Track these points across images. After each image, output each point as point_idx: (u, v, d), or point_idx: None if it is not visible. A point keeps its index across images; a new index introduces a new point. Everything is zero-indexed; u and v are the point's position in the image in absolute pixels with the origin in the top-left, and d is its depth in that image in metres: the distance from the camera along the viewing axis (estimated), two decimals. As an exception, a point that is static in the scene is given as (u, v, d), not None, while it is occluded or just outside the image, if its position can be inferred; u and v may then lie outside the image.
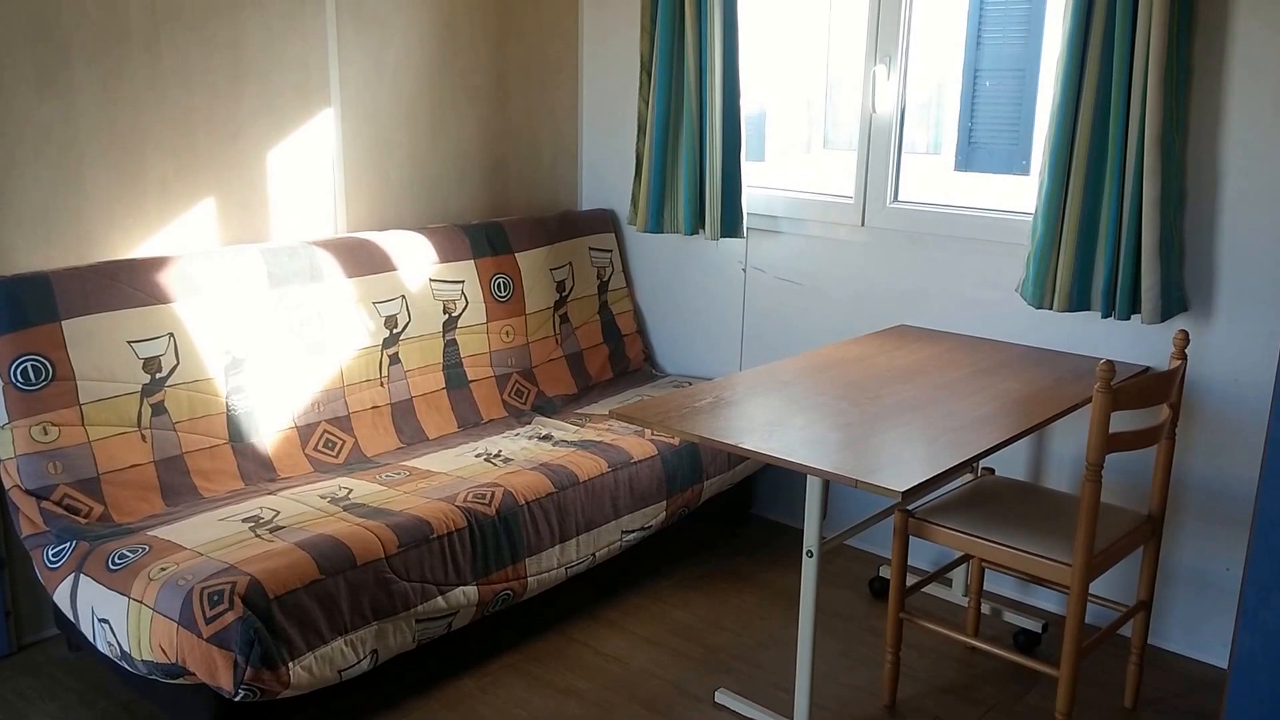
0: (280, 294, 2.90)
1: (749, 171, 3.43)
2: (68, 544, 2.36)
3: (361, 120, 3.24)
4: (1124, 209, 2.61)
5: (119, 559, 2.27)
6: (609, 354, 3.74)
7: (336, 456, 2.93)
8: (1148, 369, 2.75)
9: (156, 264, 2.70)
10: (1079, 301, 2.72)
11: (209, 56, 2.85)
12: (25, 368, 2.44)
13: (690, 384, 3.61)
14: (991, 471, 2.85)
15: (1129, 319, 2.68)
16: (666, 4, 3.35)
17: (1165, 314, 2.63)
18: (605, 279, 3.80)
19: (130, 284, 2.63)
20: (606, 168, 3.90)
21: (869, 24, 3.17)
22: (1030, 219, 2.87)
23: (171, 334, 2.67)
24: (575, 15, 3.84)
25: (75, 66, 2.61)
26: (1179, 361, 2.40)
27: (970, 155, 5.80)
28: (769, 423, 2.28)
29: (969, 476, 2.86)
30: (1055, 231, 2.72)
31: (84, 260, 2.69)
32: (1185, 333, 2.42)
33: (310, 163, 3.14)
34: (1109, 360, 2.13)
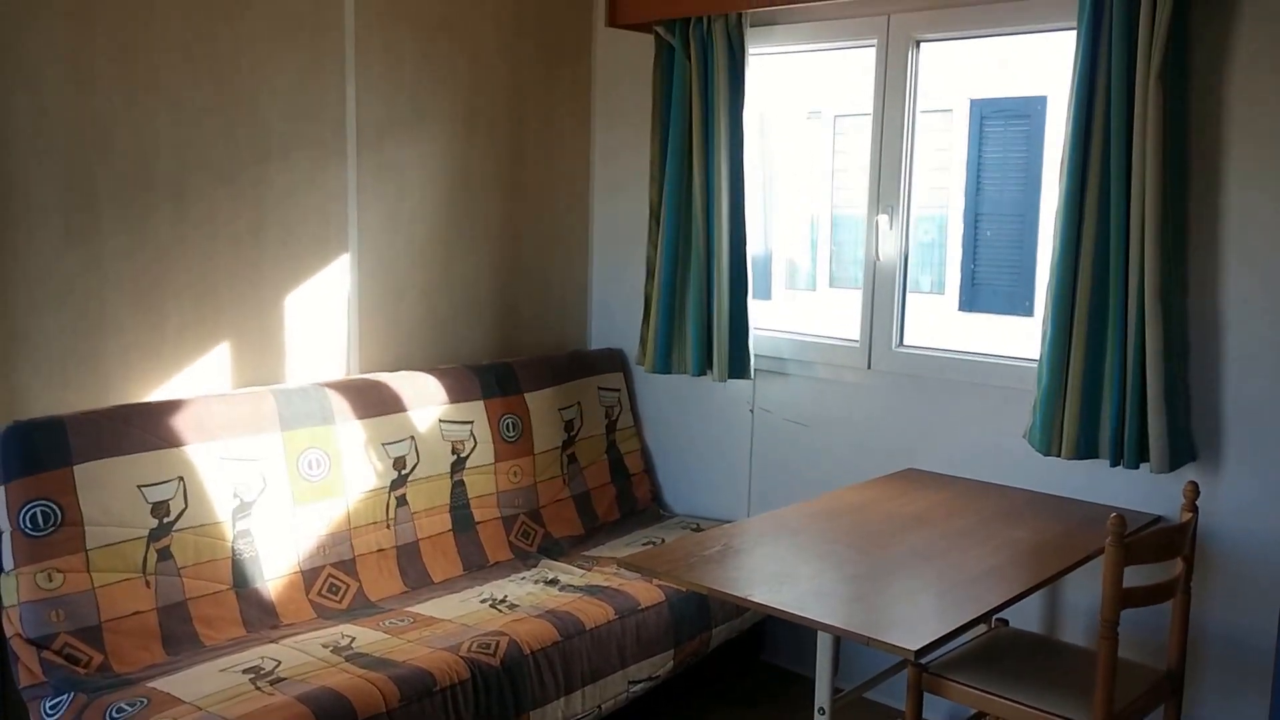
0: (291, 436, 2.92)
1: (756, 312, 3.49)
2: (65, 696, 2.32)
3: (377, 264, 3.32)
4: (1128, 358, 2.64)
5: (117, 713, 2.23)
6: (616, 494, 3.73)
7: (340, 602, 2.90)
8: (1159, 518, 2.74)
9: (170, 407, 2.73)
10: (1086, 449, 2.72)
11: (234, 206, 2.94)
12: (35, 513, 2.44)
13: (699, 526, 3.58)
14: (1006, 623, 2.81)
15: (1138, 467, 2.68)
16: (675, 156, 3.46)
17: (1174, 463, 2.63)
18: (613, 418, 3.82)
19: (143, 428, 2.65)
20: (616, 308, 3.97)
21: (870, 176, 3.27)
22: (1035, 365, 2.90)
23: (181, 478, 2.68)
24: (586, 164, 3.96)
25: (103, 217, 2.69)
26: (1189, 514, 2.39)
27: (974, 296, 5.90)
28: (778, 573, 2.26)
29: (983, 628, 2.81)
30: (1060, 379, 2.74)
31: (100, 404, 2.72)
32: (1195, 485, 2.42)
33: (326, 306, 3.20)
34: (1120, 514, 2.12)
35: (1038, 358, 2.81)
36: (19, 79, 2.51)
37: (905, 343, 3.32)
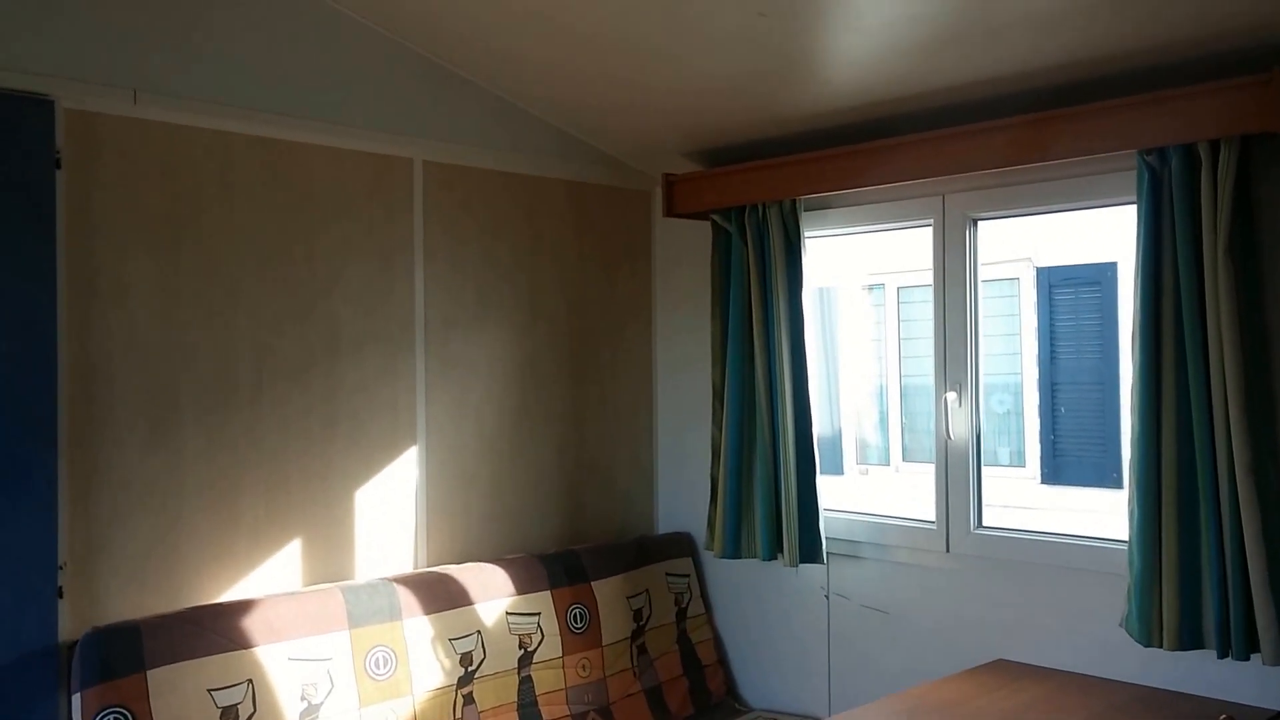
0: (359, 634, 2.88)
1: (827, 491, 3.42)
2: None
3: (445, 456, 3.35)
4: (1224, 540, 2.50)
5: None
6: (689, 687, 3.59)
7: (405, 810, 2.79)
8: (1278, 714, 2.53)
9: (240, 608, 2.73)
10: (1190, 640, 2.55)
11: (306, 402, 3.01)
12: (107, 721, 2.44)
13: (777, 720, 3.42)
14: (1114, 831, 2.58)
15: (1248, 658, 2.50)
16: (736, 337, 3.48)
17: (1286, 652, 2.44)
18: (683, 605, 3.72)
19: (214, 630, 2.65)
20: (682, 491, 3.93)
21: (935, 353, 3.24)
22: (1126, 546, 2.76)
23: (250, 680, 2.65)
24: (649, 348, 4.01)
25: (184, 422, 2.77)
26: (1309, 711, 2.20)
27: (1057, 468, 5.73)
28: (861, 784, 2.12)
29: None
30: (1154, 564, 2.60)
31: (174, 606, 2.73)
32: (1311, 677, 2.24)
33: (395, 498, 3.22)
34: (1230, 716, 1.96)
35: (1127, 539, 2.68)
36: (113, 298, 2.65)
37: (984, 524, 3.21)
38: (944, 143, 2.94)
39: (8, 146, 2.43)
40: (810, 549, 3.38)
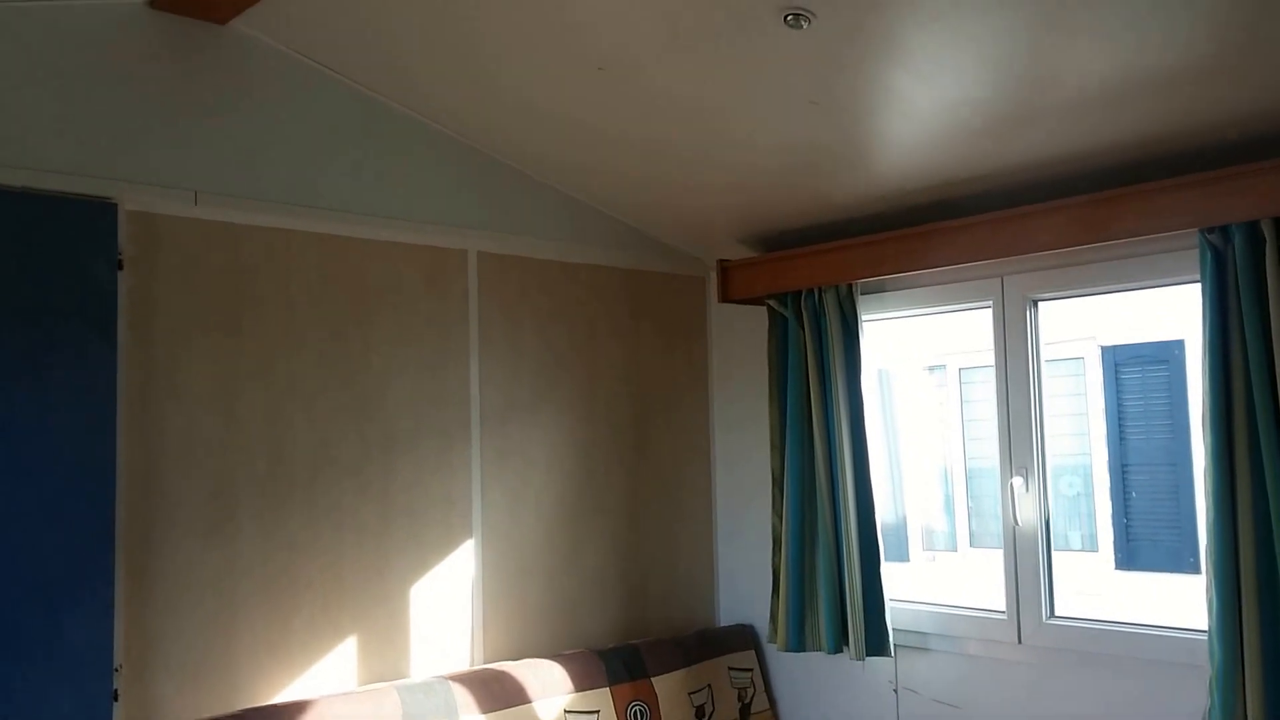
0: (413, 734, 2.83)
1: (893, 579, 3.32)
2: None
3: (502, 549, 3.32)
4: (1314, 631, 2.36)
5: None
6: (755, 787, 3.46)
7: None
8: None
9: (295, 709, 2.70)
10: (1281, 736, 2.40)
11: (362, 496, 3.01)
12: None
13: (846, 823, 3.27)
14: None
15: (1348, 759, 2.34)
16: (795, 423, 3.43)
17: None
18: (747, 701, 3.60)
19: (267, 730, 2.62)
20: (744, 581, 3.84)
21: (999, 437, 3.16)
22: (1206, 636, 2.62)
23: (301, 783, 2.60)
24: (707, 436, 3.97)
25: (241, 517, 2.79)
26: None
27: (1131, 553, 5.52)
28: None
29: None
30: (1235, 655, 2.47)
31: (229, 707, 2.71)
32: None
33: (451, 593, 3.19)
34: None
35: (1207, 629, 2.55)
36: (172, 392, 2.69)
37: (1057, 613, 3.08)
38: (1002, 224, 2.90)
39: (72, 249, 2.50)
40: (877, 641, 3.27)
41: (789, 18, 2.29)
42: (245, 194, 2.81)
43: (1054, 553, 3.16)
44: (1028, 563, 3.09)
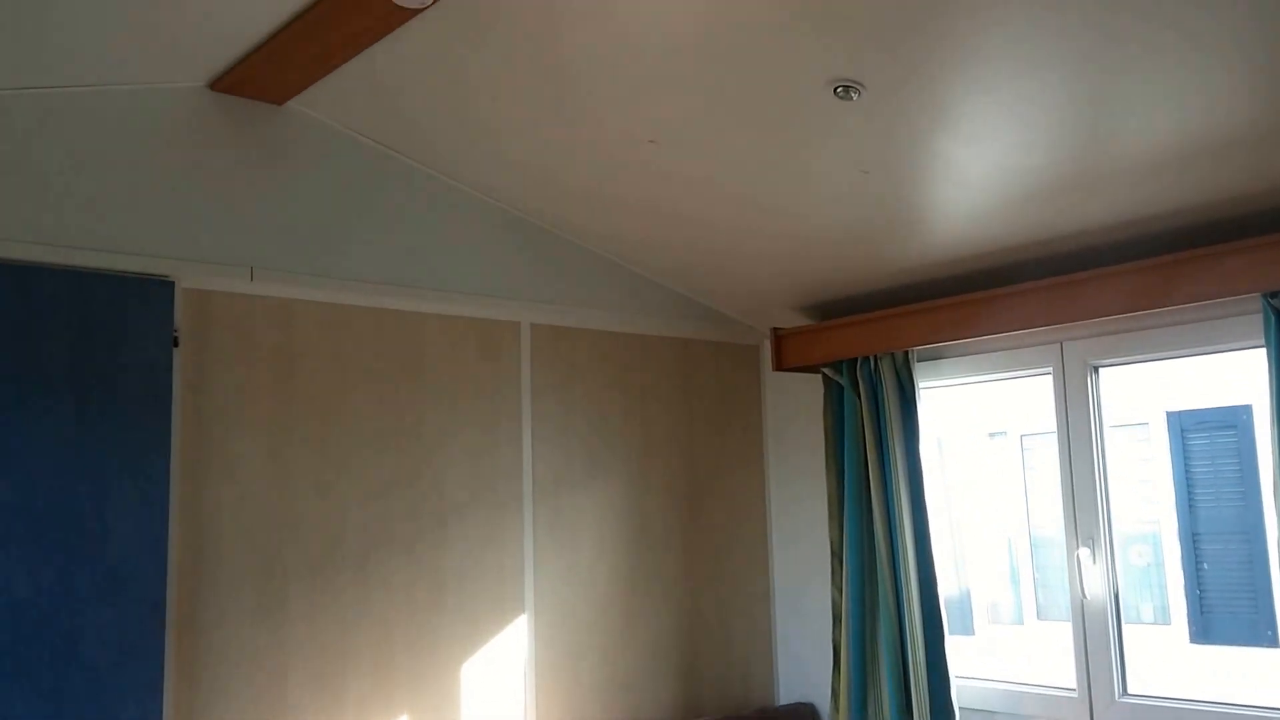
0: (464, 816, 2.77)
1: (958, 654, 3.20)
2: None
3: (555, 624, 3.27)
4: None
5: None
6: None
7: None
8: None
9: (345, 788, 2.66)
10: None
11: (413, 572, 2.99)
12: None
13: None
14: None
15: None
16: (853, 494, 3.37)
17: None
18: (808, 782, 3.49)
19: (317, 811, 2.57)
20: (804, 657, 3.74)
21: (1064, 506, 3.06)
22: (1295, 720, 2.50)
23: None
24: (763, 507, 3.91)
25: (291, 593, 2.78)
26: None
27: (1205, 626, 5.31)
28: None
29: None
30: (1331, 741, 2.34)
31: (277, 785, 2.68)
32: None
33: (503, 670, 3.14)
34: None
35: (1296, 711, 2.43)
36: (225, 470, 2.71)
37: (1130, 690, 2.95)
38: (1060, 290, 2.85)
39: (129, 327, 2.54)
40: (943, 719, 3.16)
41: (839, 90, 2.29)
42: (299, 269, 2.85)
43: (1125, 626, 3.04)
44: (1098, 637, 2.98)
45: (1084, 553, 3.02)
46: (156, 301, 2.58)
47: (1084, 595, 3.02)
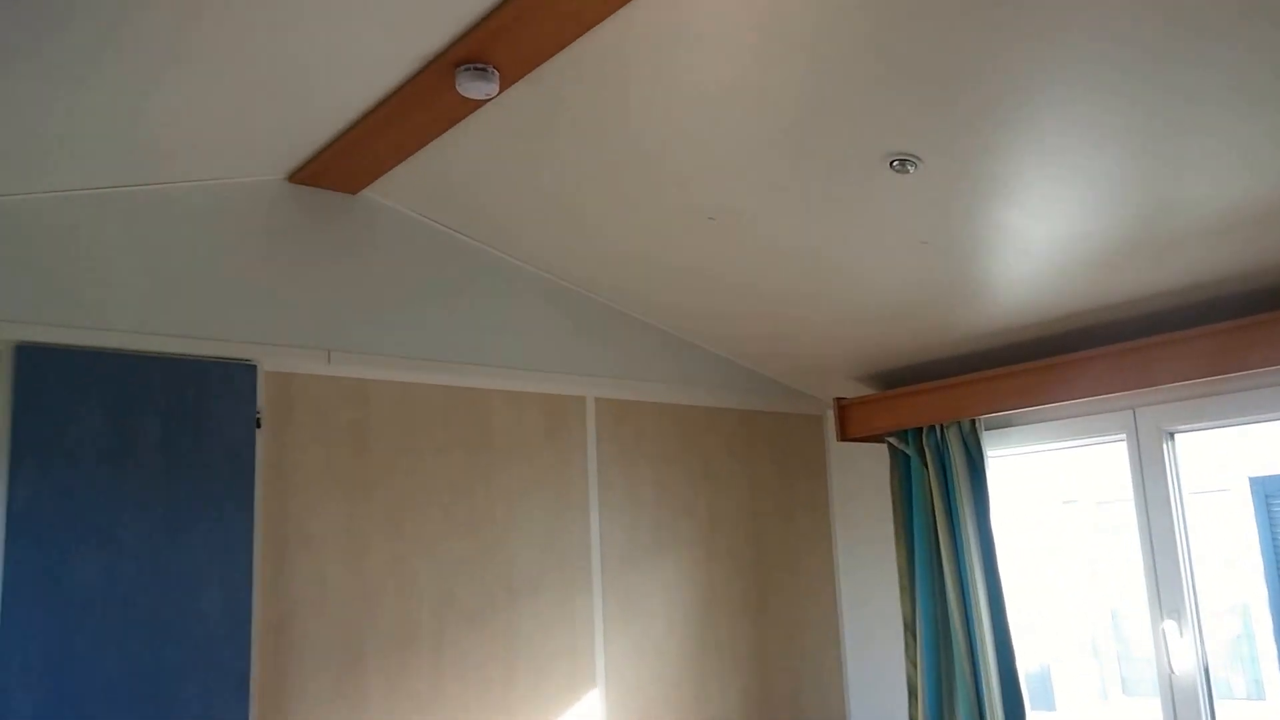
0: None
1: (1038, 740, 3.11)
2: None
3: (626, 699, 3.25)
4: None
5: None
6: None
7: None
8: None
9: None
10: None
11: (486, 649, 3.01)
12: None
13: None
14: None
15: None
16: (924, 565, 3.32)
17: None
18: None
19: None
20: (878, 733, 3.66)
21: (1145, 577, 2.98)
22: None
23: None
24: (831, 579, 3.86)
25: (368, 669, 2.81)
26: None
27: (1303, 700, 5.06)
28: None
29: None
30: None
31: None
32: None
33: (573, 747, 3.13)
34: None
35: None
36: (304, 544, 2.77)
37: (1226, 771, 2.83)
38: (1132, 356, 2.81)
39: (215, 409, 2.64)
40: (1025, 802, 3.05)
41: (895, 163, 2.32)
42: (374, 350, 2.93)
43: (1216, 702, 2.92)
44: (1188, 714, 2.87)
45: (1169, 625, 2.93)
46: (241, 384, 2.68)
47: (1171, 670, 2.92)
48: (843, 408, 3.60)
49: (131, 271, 2.58)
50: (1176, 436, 3.01)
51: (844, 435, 3.60)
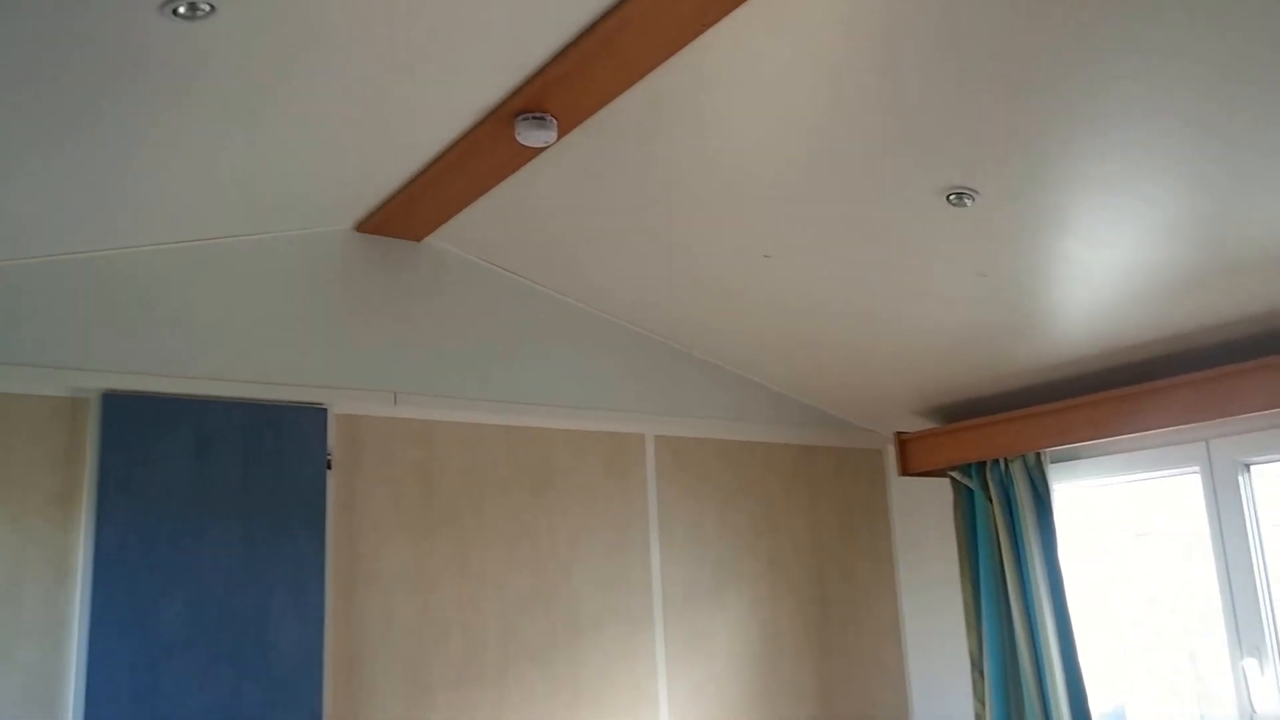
0: None
1: (1115, 781, 3.03)
2: None
3: (689, 738, 3.23)
4: None
5: None
6: None
7: None
8: None
9: None
10: None
11: (551, 686, 3.02)
12: None
13: None
14: None
15: None
16: (990, 602, 3.27)
17: None
18: None
19: None
20: (949, 774, 3.59)
21: (1224, 613, 2.90)
22: None
23: None
24: (895, 615, 3.81)
25: (435, 704, 2.83)
26: None
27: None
28: None
29: None
30: None
31: None
32: None
33: (639, 786, 3.11)
34: None
35: None
36: (374, 581, 2.82)
37: (1315, 816, 2.73)
38: (1205, 386, 2.76)
39: (288, 452, 2.71)
40: (1102, 846, 2.97)
41: (951, 197, 2.32)
42: (439, 392, 2.99)
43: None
44: (1272, 757, 2.78)
45: (1249, 663, 2.85)
46: (311, 427, 2.75)
47: (1253, 710, 2.83)
48: (903, 442, 3.57)
49: (210, 320, 2.68)
50: (1253, 468, 2.94)
51: (905, 470, 3.56)
